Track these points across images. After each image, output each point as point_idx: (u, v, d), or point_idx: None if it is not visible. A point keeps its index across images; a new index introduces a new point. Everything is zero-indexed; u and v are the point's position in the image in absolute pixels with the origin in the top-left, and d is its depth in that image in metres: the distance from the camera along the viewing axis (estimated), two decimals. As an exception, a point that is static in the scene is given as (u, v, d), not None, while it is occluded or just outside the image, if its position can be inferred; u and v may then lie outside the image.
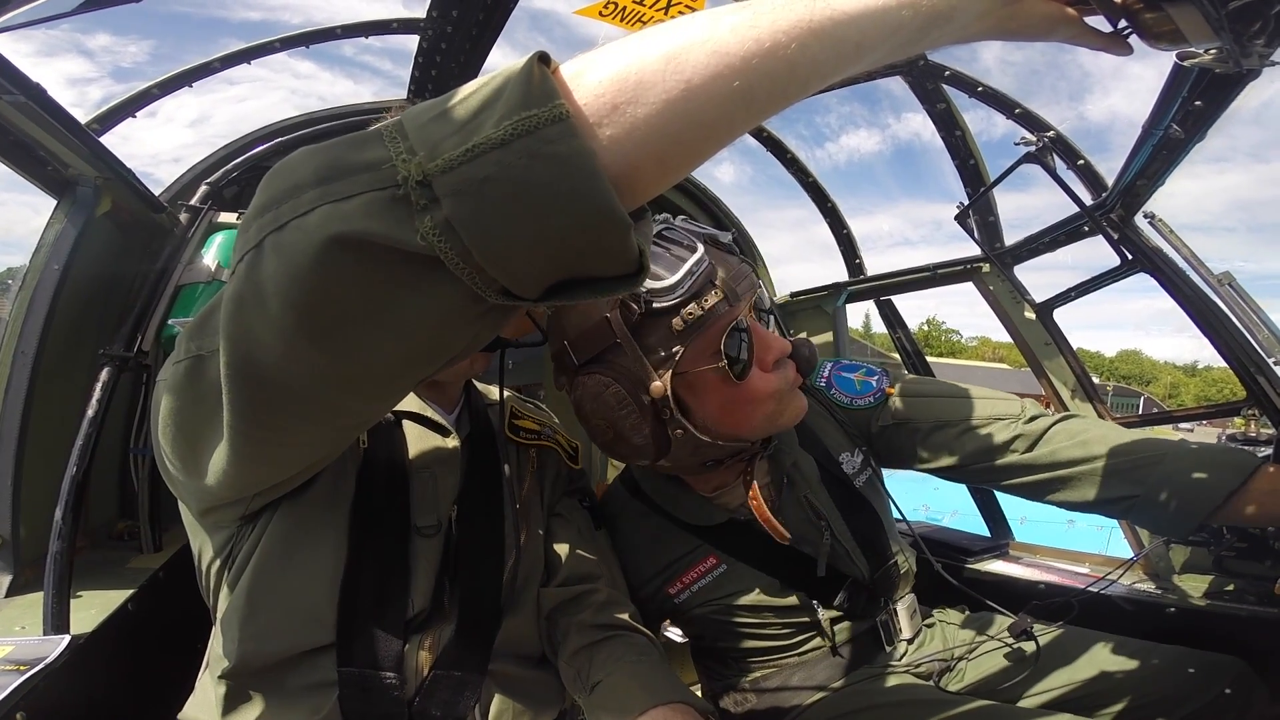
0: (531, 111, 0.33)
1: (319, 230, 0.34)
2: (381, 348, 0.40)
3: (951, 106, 1.50)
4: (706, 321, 0.81)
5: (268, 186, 0.38)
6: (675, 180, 0.40)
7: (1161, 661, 0.99)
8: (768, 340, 0.90)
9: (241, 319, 0.40)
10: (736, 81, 0.36)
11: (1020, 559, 1.60)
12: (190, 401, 0.52)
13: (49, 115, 0.99)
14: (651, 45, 0.36)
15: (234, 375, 0.43)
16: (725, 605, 1.02)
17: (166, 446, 0.57)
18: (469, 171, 0.33)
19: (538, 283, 0.37)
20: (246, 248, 0.38)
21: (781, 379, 0.90)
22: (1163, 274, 1.24)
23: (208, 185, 1.41)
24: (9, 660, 0.85)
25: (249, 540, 0.73)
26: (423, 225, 0.33)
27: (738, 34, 0.36)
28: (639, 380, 0.83)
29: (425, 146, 0.34)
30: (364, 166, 0.34)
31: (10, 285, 1.19)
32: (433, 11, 1.13)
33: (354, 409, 0.48)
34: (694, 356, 0.83)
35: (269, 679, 0.74)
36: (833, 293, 2.04)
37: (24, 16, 0.80)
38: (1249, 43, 0.52)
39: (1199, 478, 0.90)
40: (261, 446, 0.50)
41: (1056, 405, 1.54)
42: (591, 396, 0.85)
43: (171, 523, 1.34)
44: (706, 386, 0.86)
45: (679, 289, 0.79)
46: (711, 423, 0.88)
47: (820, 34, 0.38)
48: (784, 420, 0.93)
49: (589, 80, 0.35)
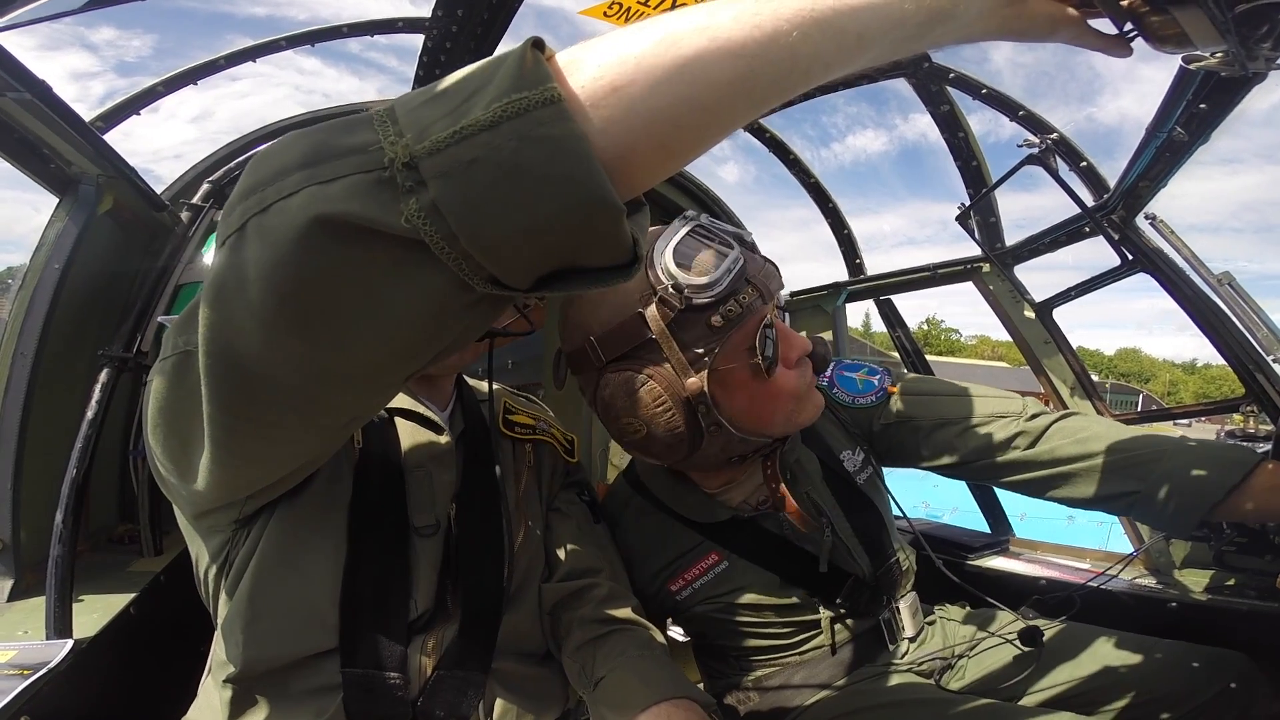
0: (523, 94, 0.32)
1: (302, 212, 0.33)
2: (366, 337, 0.38)
3: (955, 109, 1.50)
4: (744, 318, 0.82)
5: (253, 170, 0.36)
6: (673, 169, 0.39)
7: (1164, 657, 1.00)
8: (791, 338, 0.91)
9: (222, 305, 0.38)
10: (737, 66, 0.36)
11: (1021, 555, 1.61)
12: (179, 398, 0.50)
13: (54, 113, 0.99)
14: (652, 30, 0.36)
15: (214, 364, 0.41)
16: (727, 603, 1.02)
17: (157, 448, 0.55)
18: (456, 153, 0.32)
19: (528, 272, 0.36)
20: (229, 231, 0.37)
21: (802, 377, 0.92)
22: (1163, 274, 1.25)
23: (210, 183, 1.40)
24: (12, 665, 0.85)
25: (246, 545, 0.72)
26: (408, 208, 0.33)
27: (740, 21, 0.36)
28: (675, 377, 0.83)
29: (414, 129, 0.33)
30: (351, 149, 0.34)
31: (10, 284, 1.18)
32: (438, 11, 1.13)
33: (338, 403, 0.47)
34: (729, 353, 0.84)
35: (273, 683, 0.73)
36: (832, 292, 2.05)
37: (30, 14, 0.79)
38: (1255, 46, 0.53)
39: (1199, 474, 0.90)
40: (245, 442, 0.48)
41: (1056, 403, 1.54)
42: (625, 394, 0.85)
43: (172, 526, 1.32)
44: (737, 383, 0.86)
45: (718, 285, 0.80)
46: (739, 419, 0.89)
47: (822, 23, 0.38)
48: (803, 417, 0.94)
49: (588, 64, 0.35)
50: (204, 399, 0.44)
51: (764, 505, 1.04)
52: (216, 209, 1.38)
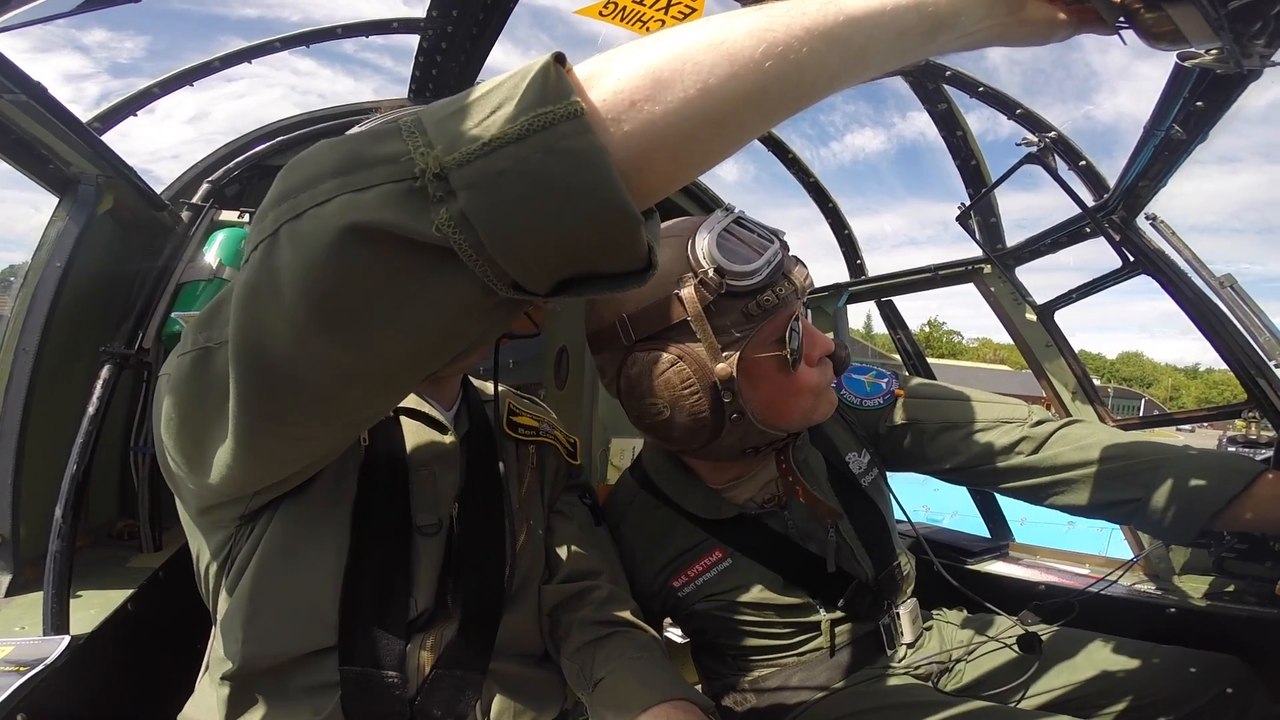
0: (547, 108, 0.34)
1: (336, 219, 0.35)
2: (392, 339, 0.40)
3: (953, 107, 1.50)
4: (778, 310, 0.85)
5: (285, 177, 0.38)
6: (685, 181, 0.41)
7: (1162, 661, 0.99)
8: (815, 336, 0.93)
9: (254, 308, 0.40)
10: (750, 83, 0.37)
11: (1020, 560, 1.60)
12: (197, 394, 0.51)
13: (50, 114, 0.99)
14: (670, 45, 0.37)
15: (243, 365, 0.43)
16: (728, 601, 1.02)
17: (170, 442, 0.56)
18: (485, 165, 0.34)
19: (548, 277, 0.37)
20: (261, 236, 0.38)
21: (823, 375, 0.94)
22: (1164, 276, 1.24)
23: (209, 183, 1.41)
24: (9, 661, 0.85)
25: (249, 541, 0.73)
26: (438, 217, 0.34)
27: (753, 36, 0.37)
28: (705, 361, 0.84)
29: (443, 140, 0.34)
30: (382, 159, 0.35)
31: (12, 283, 1.19)
32: (433, 11, 1.14)
33: (362, 402, 0.48)
34: (759, 343, 0.86)
35: (272, 680, 0.73)
36: (834, 293, 2.04)
37: (25, 16, 0.80)
38: (1249, 43, 0.52)
39: (1201, 483, 0.90)
40: (268, 440, 0.50)
41: (1057, 406, 1.54)
42: (653, 374, 0.86)
43: (172, 522, 1.33)
44: (763, 373, 0.88)
45: (758, 275, 0.83)
46: (761, 410, 0.90)
47: (830, 38, 0.39)
48: (817, 415, 0.96)
49: (609, 78, 0.36)
50: (231, 398, 0.45)
51: (769, 503, 1.04)
52: (216, 208, 1.39)
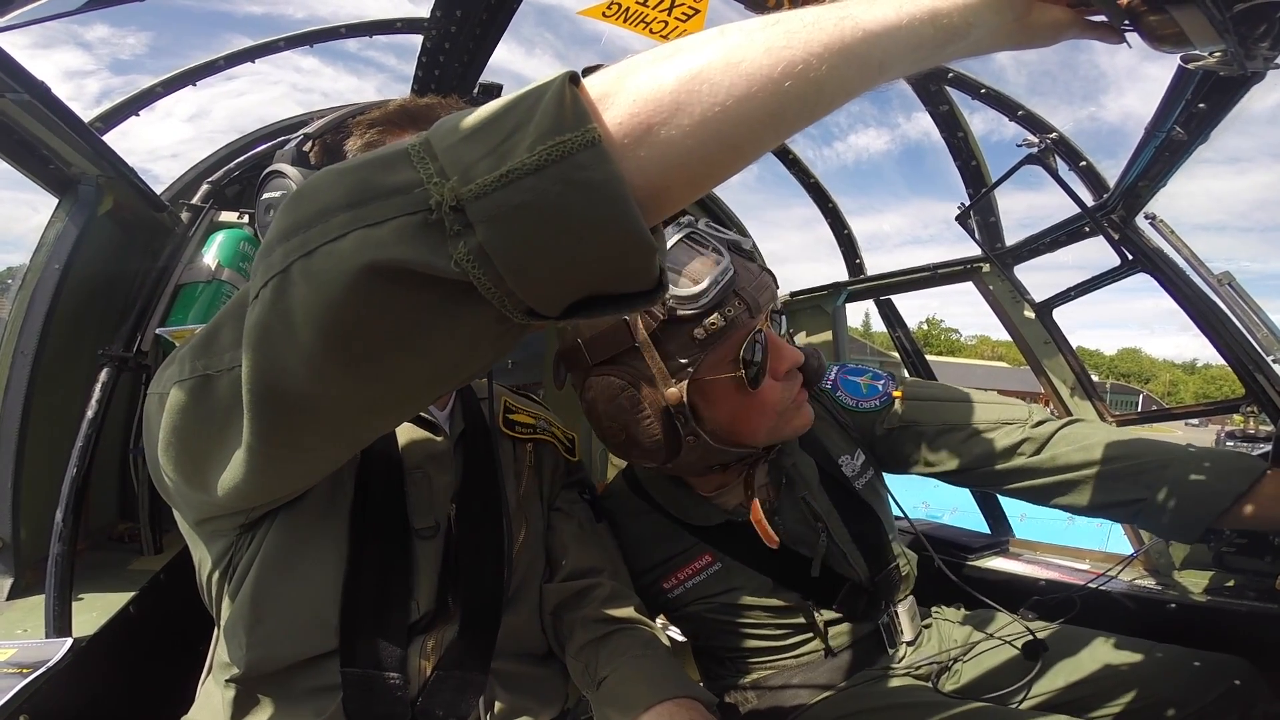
0: (565, 136, 0.32)
1: (353, 257, 0.33)
2: (409, 370, 0.40)
3: (954, 108, 1.50)
4: (728, 332, 0.82)
5: (292, 210, 0.37)
6: (697, 197, 0.41)
7: (1164, 659, 0.99)
8: (782, 349, 0.91)
9: (268, 348, 0.39)
10: (769, 102, 0.36)
11: (1020, 556, 1.61)
12: (197, 421, 0.51)
13: (53, 114, 0.99)
14: (684, 64, 0.36)
15: (259, 403, 0.42)
16: (720, 603, 1.02)
17: (168, 464, 0.56)
18: (503, 198, 0.32)
19: (562, 302, 0.37)
20: (270, 273, 0.36)
21: (788, 390, 0.91)
22: (1162, 274, 1.25)
23: (210, 184, 1.40)
24: (11, 664, 0.85)
25: (250, 548, 0.73)
26: (456, 251, 0.33)
27: (772, 55, 0.36)
28: (655, 386, 0.83)
29: (457, 170, 0.33)
30: (394, 189, 0.34)
31: (10, 284, 1.18)
32: (436, 11, 1.13)
33: (376, 426, 0.49)
34: (712, 364, 0.84)
35: (275, 684, 0.74)
36: (832, 292, 2.05)
37: (28, 15, 0.79)
38: (1254, 45, 0.52)
39: (1205, 482, 0.90)
40: (282, 464, 0.51)
41: (1055, 403, 1.54)
42: (605, 398, 0.85)
43: (172, 525, 1.31)
44: (719, 394, 0.86)
45: (703, 298, 0.79)
46: (720, 430, 0.89)
47: (848, 53, 0.38)
48: (787, 432, 0.94)
49: (624, 99, 0.35)
50: (246, 430, 0.45)
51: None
52: (216, 209, 1.39)
